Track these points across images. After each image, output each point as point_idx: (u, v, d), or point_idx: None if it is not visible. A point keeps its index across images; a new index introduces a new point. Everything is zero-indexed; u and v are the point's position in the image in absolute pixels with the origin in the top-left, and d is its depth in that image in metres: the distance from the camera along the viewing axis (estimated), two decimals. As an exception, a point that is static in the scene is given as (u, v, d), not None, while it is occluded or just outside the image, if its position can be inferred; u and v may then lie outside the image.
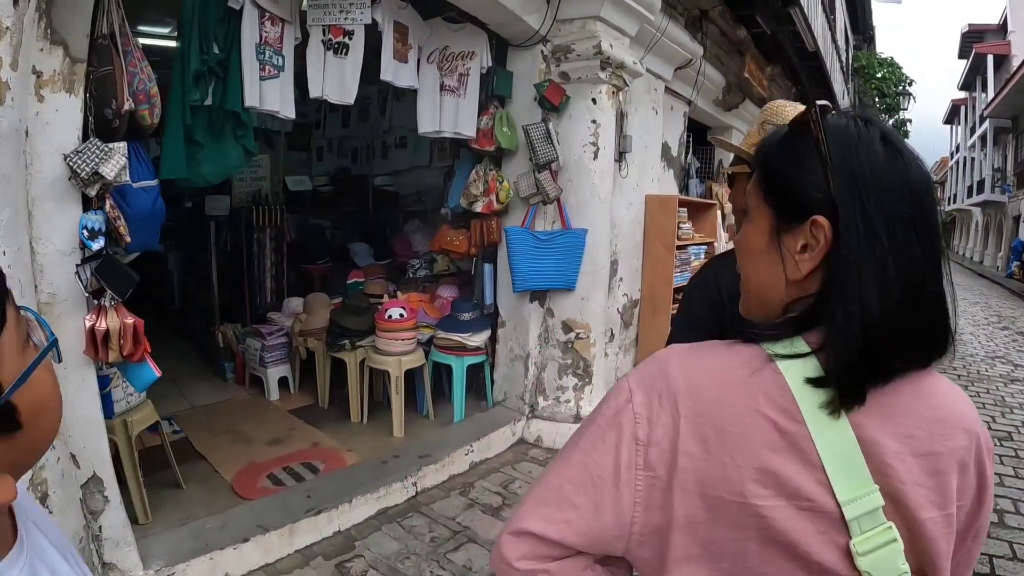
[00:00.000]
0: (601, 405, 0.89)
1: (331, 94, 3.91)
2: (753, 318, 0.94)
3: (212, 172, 3.59)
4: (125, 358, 2.87)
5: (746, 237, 0.92)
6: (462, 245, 5.04)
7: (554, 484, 0.87)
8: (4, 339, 0.57)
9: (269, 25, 3.62)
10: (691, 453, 0.79)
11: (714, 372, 0.83)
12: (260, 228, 6.39)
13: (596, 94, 4.85)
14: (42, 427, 0.62)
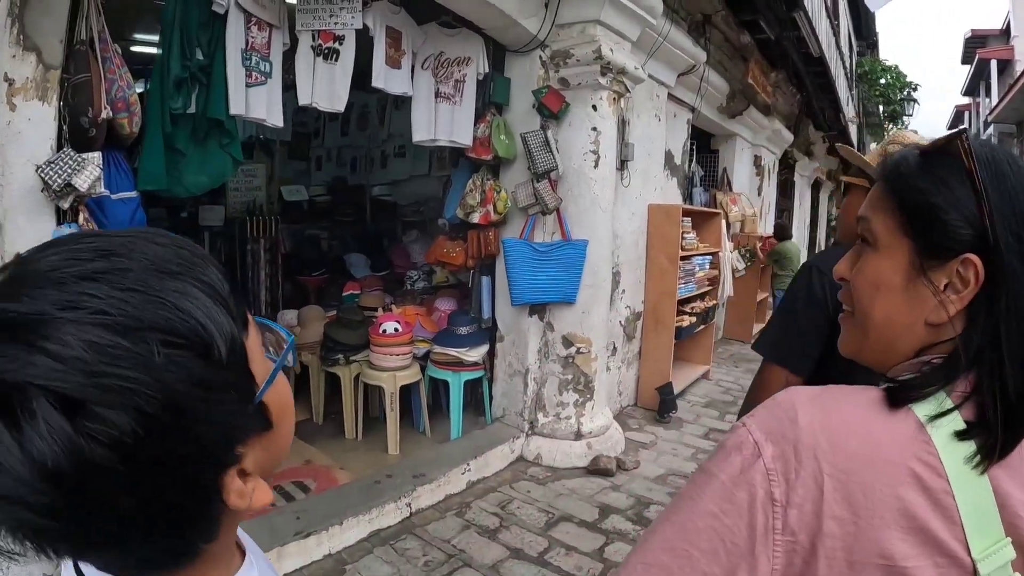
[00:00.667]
0: (719, 460, 0.78)
1: (321, 101, 3.78)
2: (864, 360, 0.88)
3: (195, 182, 3.45)
4: None
5: (873, 271, 0.84)
6: (459, 257, 4.89)
7: (680, 552, 0.75)
8: (250, 339, 0.59)
9: (256, 30, 3.49)
10: (839, 516, 0.71)
11: (853, 424, 0.75)
12: (254, 239, 6.27)
13: (596, 101, 4.71)
14: (284, 429, 0.65)
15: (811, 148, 14.56)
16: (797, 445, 0.73)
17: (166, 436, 0.48)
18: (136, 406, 0.46)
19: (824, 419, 0.75)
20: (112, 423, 0.45)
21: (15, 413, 0.44)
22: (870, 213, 0.86)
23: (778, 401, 0.79)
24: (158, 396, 0.47)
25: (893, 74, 21.41)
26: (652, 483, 4.68)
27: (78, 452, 0.44)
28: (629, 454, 5.09)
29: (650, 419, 6.00)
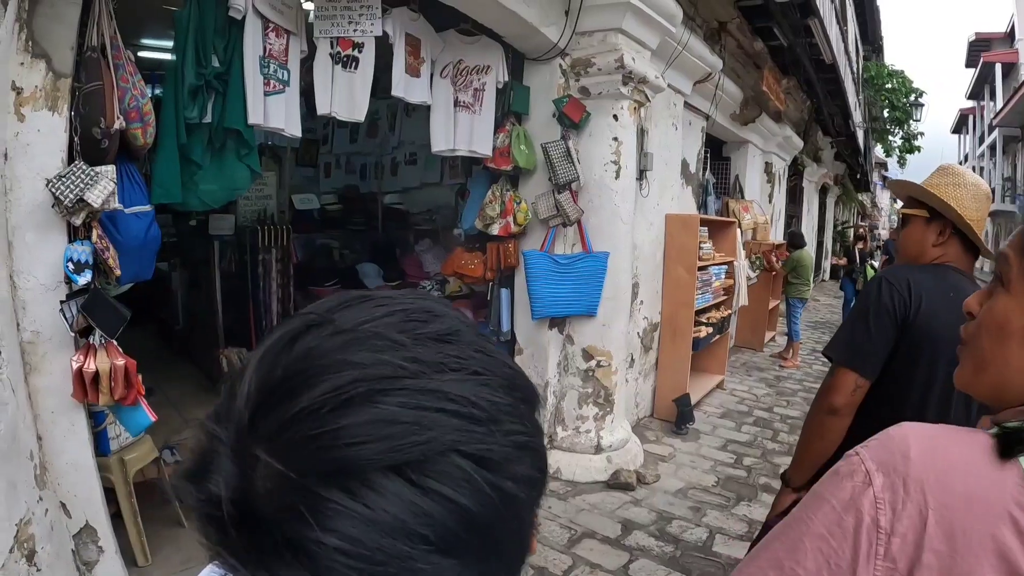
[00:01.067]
0: (830, 485, 0.82)
1: (340, 111, 3.68)
2: (975, 394, 0.92)
3: (211, 195, 3.36)
4: (117, 401, 2.66)
5: (1002, 311, 0.86)
6: (477, 269, 4.78)
7: (787, 569, 0.80)
8: None
9: (273, 37, 3.40)
10: (937, 550, 0.73)
11: (961, 466, 0.76)
12: (265, 248, 6.14)
13: (617, 110, 4.62)
14: None
15: (819, 154, 14.53)
16: (907, 479, 0.76)
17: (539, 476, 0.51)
18: (529, 455, 0.49)
19: (935, 458, 0.77)
20: (515, 473, 0.47)
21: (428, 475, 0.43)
22: (1012, 254, 0.85)
23: (891, 435, 0.82)
24: (538, 445, 0.50)
25: (899, 79, 21.30)
26: (673, 497, 4.59)
27: (489, 502, 0.44)
28: (648, 467, 4.99)
29: (667, 431, 5.90)
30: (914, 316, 1.85)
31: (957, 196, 1.94)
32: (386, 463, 0.42)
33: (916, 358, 1.85)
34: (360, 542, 0.40)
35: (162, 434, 5.01)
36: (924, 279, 1.91)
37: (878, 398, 1.90)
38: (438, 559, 0.43)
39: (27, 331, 2.42)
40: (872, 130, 20.37)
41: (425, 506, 0.42)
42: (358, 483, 0.41)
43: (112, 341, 2.61)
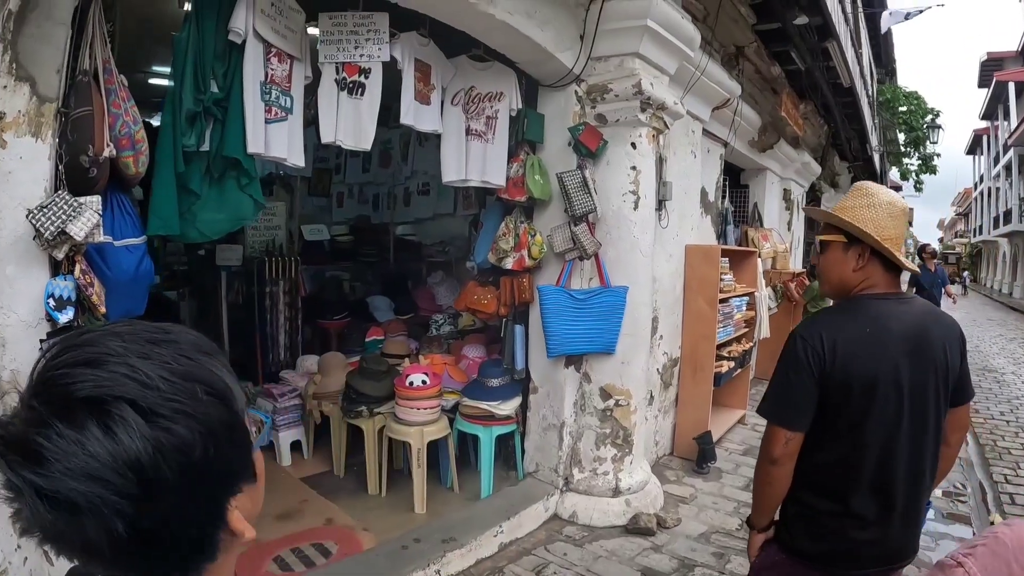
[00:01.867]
0: None
1: (345, 139, 3.51)
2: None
3: (211, 226, 3.19)
4: None
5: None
6: (490, 305, 4.58)
7: None
8: None
9: (276, 62, 3.25)
10: None
11: None
12: (272, 280, 5.99)
13: (636, 138, 4.44)
14: (261, 487, 0.83)
15: (836, 179, 14.32)
16: None
17: (208, 451, 0.67)
18: (190, 425, 0.66)
19: None
20: (177, 432, 0.65)
21: (109, 418, 0.62)
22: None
23: (1001, 541, 0.81)
24: (204, 422, 0.68)
25: (914, 101, 21.11)
26: (695, 542, 4.33)
27: (156, 448, 0.63)
28: (669, 510, 4.73)
29: (688, 470, 5.65)
30: (830, 367, 1.88)
31: (873, 217, 1.95)
32: (84, 395, 0.62)
33: (843, 402, 1.89)
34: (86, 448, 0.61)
35: None
36: (838, 325, 1.95)
37: (816, 442, 1.96)
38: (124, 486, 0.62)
39: (7, 369, 2.27)
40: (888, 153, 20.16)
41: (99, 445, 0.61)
42: (61, 415, 0.61)
43: None
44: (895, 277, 2.02)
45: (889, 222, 1.94)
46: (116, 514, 0.61)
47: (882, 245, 1.94)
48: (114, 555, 0.64)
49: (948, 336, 1.96)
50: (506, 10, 3.72)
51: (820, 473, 1.98)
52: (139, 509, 0.62)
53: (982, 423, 7.82)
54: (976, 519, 4.95)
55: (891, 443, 1.88)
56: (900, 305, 1.95)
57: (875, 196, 1.97)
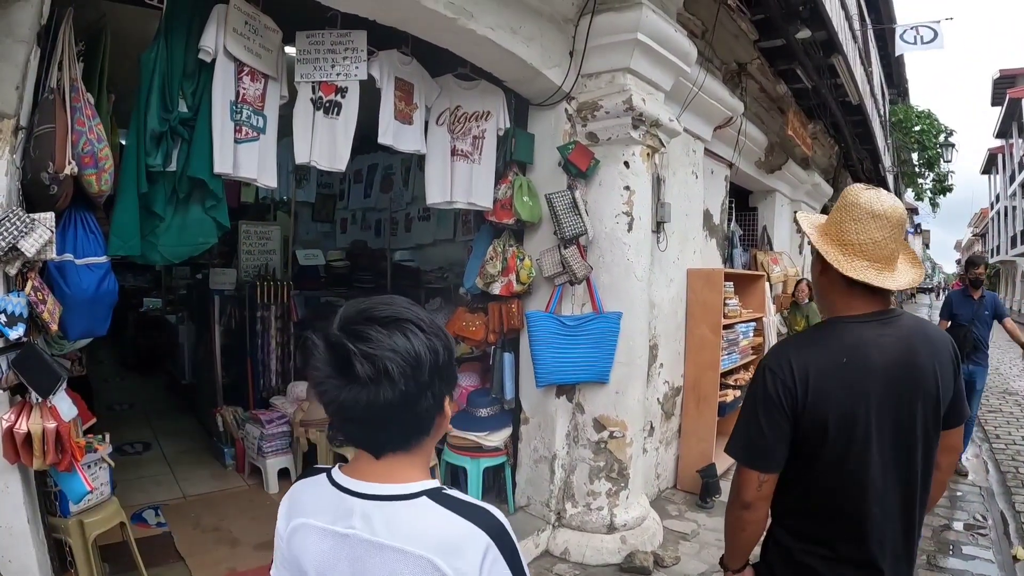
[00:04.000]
0: None
1: (320, 160, 3.38)
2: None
3: (172, 249, 3.07)
4: (51, 466, 2.45)
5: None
6: (478, 332, 4.39)
7: None
8: None
9: (248, 81, 3.13)
10: None
11: None
12: (264, 305, 5.86)
13: (629, 156, 4.27)
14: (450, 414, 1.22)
15: (849, 201, 14.06)
16: None
17: (445, 360, 1.10)
18: (441, 343, 1.10)
19: None
20: (435, 344, 1.08)
21: (401, 328, 1.05)
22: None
23: None
24: (445, 344, 1.11)
25: (927, 121, 20.85)
26: (694, 583, 4.11)
27: (427, 349, 1.06)
28: (668, 548, 4.50)
29: (691, 504, 5.41)
30: (803, 402, 1.70)
31: (834, 220, 1.78)
32: (385, 315, 1.07)
33: (819, 443, 1.71)
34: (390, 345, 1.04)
35: (151, 493, 4.82)
36: (809, 354, 1.74)
37: (794, 482, 1.81)
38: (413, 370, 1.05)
39: (-47, 381, 2.21)
40: (902, 174, 19.92)
41: (400, 339, 1.04)
42: (374, 326, 1.05)
43: (47, 402, 2.39)
44: (885, 294, 1.77)
45: (852, 226, 1.72)
46: (403, 379, 1.03)
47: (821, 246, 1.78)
48: (385, 416, 1.07)
49: (939, 357, 1.75)
50: (488, 26, 3.59)
51: (802, 517, 1.83)
52: (413, 381, 1.05)
53: (1003, 449, 7.53)
54: (998, 552, 4.70)
55: (876, 485, 1.71)
56: (883, 328, 1.73)
57: (845, 197, 1.77)
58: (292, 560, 1.18)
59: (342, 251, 7.93)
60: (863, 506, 1.71)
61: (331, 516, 1.11)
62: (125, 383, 8.32)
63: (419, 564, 1.03)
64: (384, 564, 1.06)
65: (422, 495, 1.09)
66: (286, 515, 1.20)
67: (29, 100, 2.46)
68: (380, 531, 1.07)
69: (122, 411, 6.95)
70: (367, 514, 1.08)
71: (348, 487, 1.12)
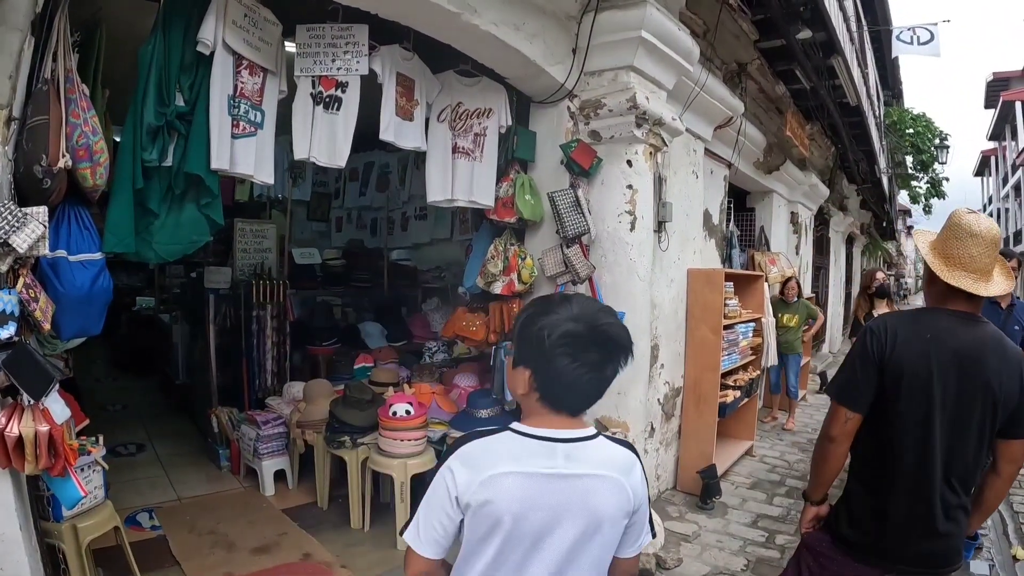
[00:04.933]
0: None
1: (319, 156, 3.33)
2: None
3: (167, 247, 3.01)
4: (44, 470, 2.35)
5: None
6: (479, 332, 4.35)
7: None
8: None
9: (247, 75, 3.08)
10: None
11: None
12: (260, 304, 5.79)
13: (632, 155, 4.23)
14: None
15: (845, 202, 14.11)
16: None
17: None
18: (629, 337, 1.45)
19: None
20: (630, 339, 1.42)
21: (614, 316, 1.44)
22: None
23: None
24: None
25: (923, 123, 20.87)
26: (697, 586, 4.06)
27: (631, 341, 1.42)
28: (670, 550, 4.44)
29: (691, 505, 5.36)
30: (888, 357, 2.08)
31: (942, 238, 2.16)
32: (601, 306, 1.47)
33: (896, 393, 2.07)
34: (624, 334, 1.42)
35: (145, 496, 4.74)
36: (903, 324, 2.14)
37: (870, 426, 2.16)
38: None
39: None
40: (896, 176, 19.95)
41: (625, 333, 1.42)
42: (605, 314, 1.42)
43: (39, 404, 2.30)
44: (977, 300, 2.09)
45: (954, 243, 2.09)
46: (622, 359, 1.39)
47: (930, 259, 2.15)
48: (601, 393, 1.43)
49: (1006, 366, 2.02)
50: (491, 21, 3.54)
51: (864, 467, 2.20)
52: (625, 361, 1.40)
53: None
54: (997, 553, 4.67)
55: (926, 446, 2.04)
56: (967, 326, 2.07)
57: (950, 219, 2.15)
58: (481, 510, 1.36)
59: (338, 250, 7.86)
60: (913, 466, 2.05)
61: (537, 462, 1.37)
62: (118, 384, 8.25)
63: (612, 483, 1.40)
64: (582, 488, 1.38)
65: (598, 435, 1.46)
66: (473, 469, 1.37)
67: (22, 91, 2.38)
68: (579, 464, 1.39)
69: (115, 412, 6.88)
70: (568, 454, 1.39)
71: (549, 436, 1.40)
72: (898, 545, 2.10)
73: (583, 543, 1.39)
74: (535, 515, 1.35)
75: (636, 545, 1.53)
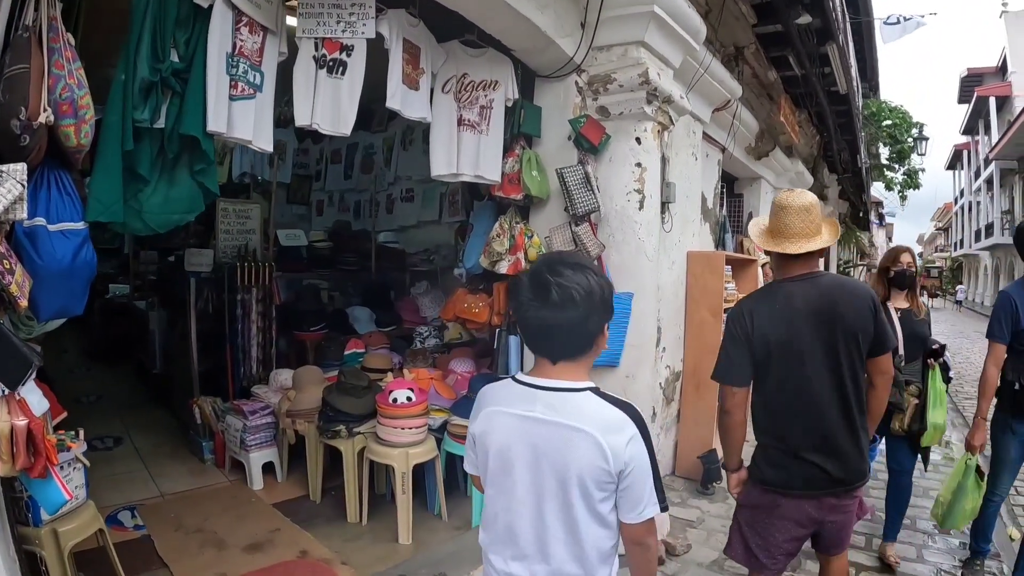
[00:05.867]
0: None
1: (322, 122, 3.12)
2: None
3: (157, 218, 2.77)
4: (21, 471, 2.07)
5: None
6: (482, 313, 4.18)
7: None
8: None
9: (246, 32, 2.87)
10: None
11: None
12: (245, 288, 5.55)
13: (640, 132, 4.09)
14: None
15: (825, 191, 14.10)
16: None
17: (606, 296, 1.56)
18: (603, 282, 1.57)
19: None
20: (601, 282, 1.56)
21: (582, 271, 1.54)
22: None
23: None
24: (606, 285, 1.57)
25: (899, 115, 21.13)
26: (708, 571, 3.94)
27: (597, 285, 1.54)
28: (677, 536, 4.32)
29: (692, 491, 5.26)
30: (751, 334, 2.43)
31: (769, 217, 2.60)
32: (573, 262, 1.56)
33: (764, 359, 2.44)
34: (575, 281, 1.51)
35: (125, 492, 4.46)
36: (755, 303, 2.54)
37: (756, 394, 2.53)
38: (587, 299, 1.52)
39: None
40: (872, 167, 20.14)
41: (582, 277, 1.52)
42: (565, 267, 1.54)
43: (15, 394, 2.03)
44: (806, 261, 2.48)
45: (773, 220, 2.53)
46: (581, 304, 1.50)
47: (756, 237, 2.63)
48: (565, 332, 1.53)
49: (855, 302, 2.42)
50: (504, -14, 3.37)
51: (762, 418, 2.54)
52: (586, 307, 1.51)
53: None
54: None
55: (806, 389, 2.40)
56: (808, 284, 2.45)
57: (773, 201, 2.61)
58: (481, 442, 1.65)
59: (325, 231, 7.60)
60: (801, 408, 2.41)
61: (518, 405, 1.58)
62: (92, 373, 7.89)
63: (586, 437, 1.49)
64: (559, 436, 1.52)
65: (587, 390, 1.56)
66: (480, 408, 1.68)
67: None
68: (557, 413, 1.53)
69: (90, 403, 6.57)
70: (548, 402, 1.54)
71: (532, 383, 1.58)
72: (811, 470, 2.41)
73: (559, 487, 1.55)
74: (515, 449, 1.57)
75: (635, 512, 1.56)
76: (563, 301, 1.48)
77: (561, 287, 1.48)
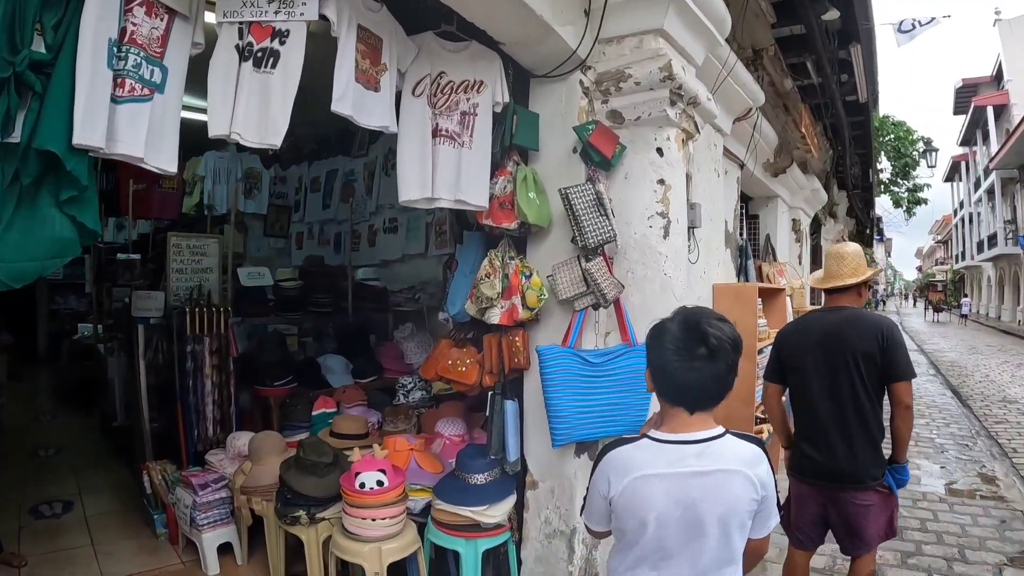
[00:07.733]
0: None
1: (245, 131, 2.31)
2: None
3: (9, 267, 1.96)
4: None
5: None
6: (470, 373, 3.33)
7: None
8: None
9: (142, 15, 2.10)
10: None
11: None
12: (196, 336, 4.75)
13: (662, 142, 3.33)
14: None
15: (835, 209, 13.48)
16: None
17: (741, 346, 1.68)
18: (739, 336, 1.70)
19: None
20: (739, 335, 1.68)
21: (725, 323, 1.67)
22: None
23: None
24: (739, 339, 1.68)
25: (903, 129, 20.98)
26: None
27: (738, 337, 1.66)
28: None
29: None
30: (782, 350, 3.23)
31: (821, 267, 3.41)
32: (717, 316, 1.68)
33: (789, 370, 3.19)
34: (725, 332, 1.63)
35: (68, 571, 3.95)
36: (792, 326, 3.41)
37: (789, 396, 3.28)
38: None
39: None
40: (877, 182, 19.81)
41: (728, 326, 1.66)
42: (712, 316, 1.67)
43: None
44: (838, 297, 3.15)
45: (827, 263, 3.24)
46: (728, 355, 1.59)
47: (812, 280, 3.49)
48: (712, 383, 1.62)
49: (862, 332, 2.96)
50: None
51: (796, 424, 3.20)
52: (732, 358, 1.60)
53: (1024, 463, 7.05)
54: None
55: (814, 400, 3.03)
56: (830, 314, 3.11)
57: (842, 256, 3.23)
58: (628, 509, 1.67)
59: (294, 269, 6.79)
60: (812, 415, 3.05)
61: (669, 463, 1.63)
62: (56, 422, 7.61)
63: (740, 476, 1.61)
64: (713, 482, 1.61)
65: (726, 434, 1.68)
66: (618, 474, 1.67)
67: None
68: (711, 462, 1.62)
69: (47, 458, 6.15)
70: (699, 453, 1.62)
71: (677, 439, 1.65)
72: (824, 468, 2.99)
73: (719, 530, 1.62)
74: (676, 511, 1.61)
75: (766, 526, 1.73)
76: (717, 351, 1.57)
77: (717, 337, 1.57)
